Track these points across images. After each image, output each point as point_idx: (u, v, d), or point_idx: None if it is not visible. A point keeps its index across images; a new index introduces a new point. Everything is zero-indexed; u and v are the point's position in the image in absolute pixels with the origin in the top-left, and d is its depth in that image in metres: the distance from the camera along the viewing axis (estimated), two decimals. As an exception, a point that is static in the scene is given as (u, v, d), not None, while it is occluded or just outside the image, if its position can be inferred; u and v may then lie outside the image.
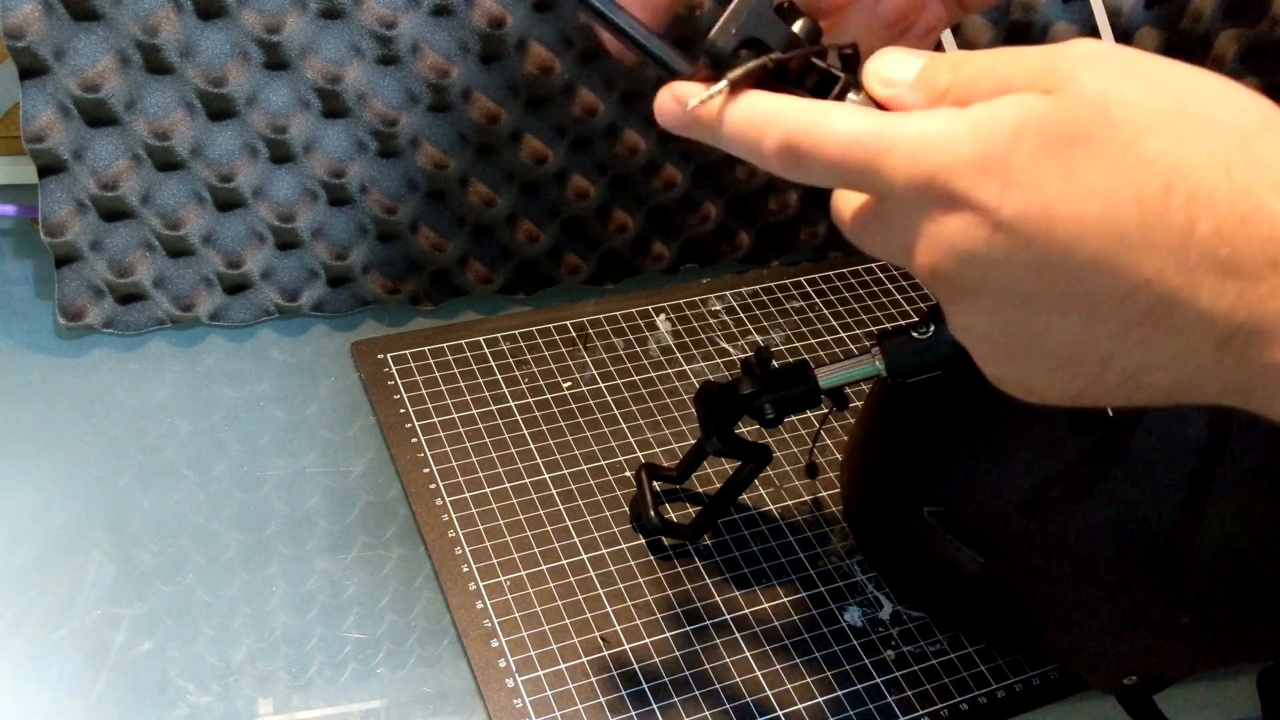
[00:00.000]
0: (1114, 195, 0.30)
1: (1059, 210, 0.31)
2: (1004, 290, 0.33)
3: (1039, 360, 0.34)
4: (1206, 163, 0.29)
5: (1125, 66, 0.31)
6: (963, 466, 0.56)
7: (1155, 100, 0.30)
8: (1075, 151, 0.30)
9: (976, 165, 0.32)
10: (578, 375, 0.70)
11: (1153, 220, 0.30)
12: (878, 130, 0.33)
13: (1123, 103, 0.30)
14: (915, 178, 0.33)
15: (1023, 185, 0.31)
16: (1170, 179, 0.30)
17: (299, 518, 0.60)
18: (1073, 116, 0.31)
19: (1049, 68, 0.32)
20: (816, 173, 0.35)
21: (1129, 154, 0.30)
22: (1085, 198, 0.30)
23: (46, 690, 0.51)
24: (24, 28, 0.57)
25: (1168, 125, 0.30)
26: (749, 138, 0.36)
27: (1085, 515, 0.51)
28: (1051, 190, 0.31)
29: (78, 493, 0.59)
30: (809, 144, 0.34)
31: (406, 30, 0.64)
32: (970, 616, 0.58)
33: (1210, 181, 0.29)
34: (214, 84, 0.62)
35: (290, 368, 0.68)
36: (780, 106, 0.35)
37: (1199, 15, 0.77)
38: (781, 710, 0.54)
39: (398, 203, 0.69)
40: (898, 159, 0.33)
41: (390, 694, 0.53)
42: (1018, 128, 0.31)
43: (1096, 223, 0.30)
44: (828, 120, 0.34)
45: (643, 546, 0.61)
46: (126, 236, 0.65)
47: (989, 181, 0.31)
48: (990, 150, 0.31)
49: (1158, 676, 0.55)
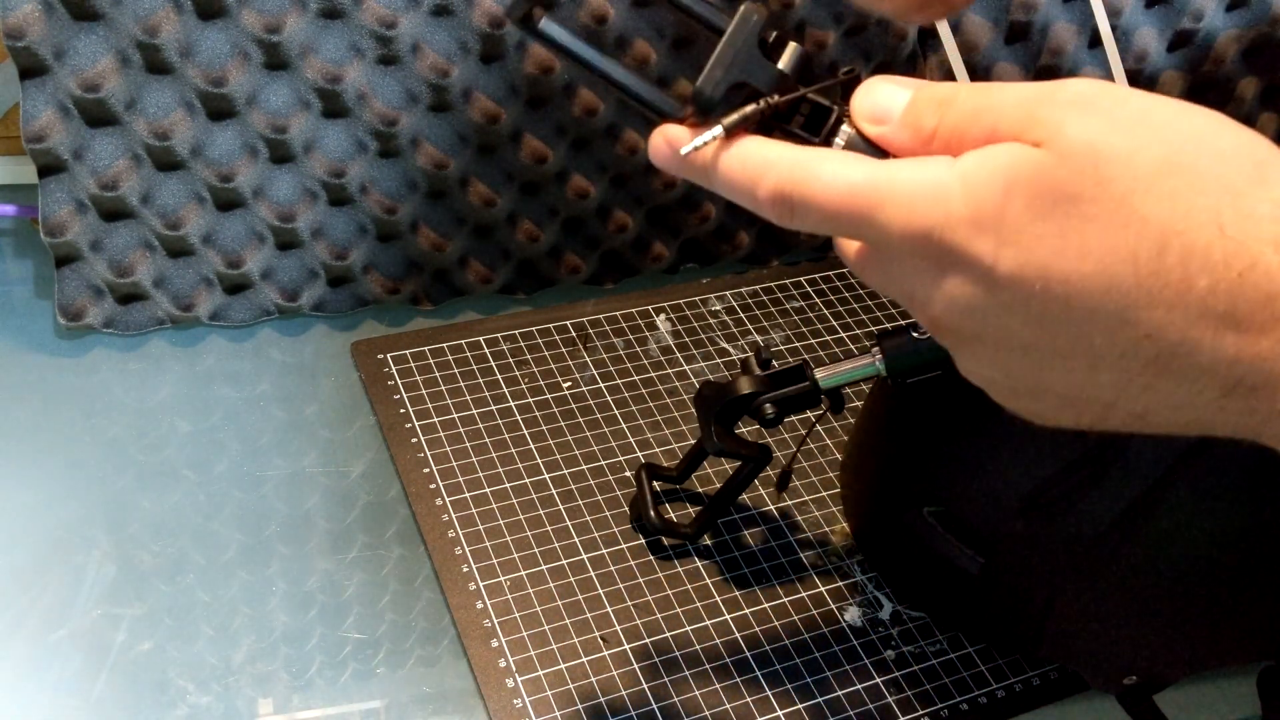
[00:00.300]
0: (1109, 255, 0.30)
1: (1055, 269, 0.31)
2: (1004, 340, 0.33)
3: (1045, 400, 0.35)
4: (1200, 220, 0.29)
5: (1112, 115, 0.31)
6: (963, 466, 0.56)
7: (1144, 154, 0.30)
8: (1068, 210, 0.30)
9: (970, 222, 0.32)
10: (578, 375, 0.70)
11: (1149, 278, 0.30)
12: (870, 183, 0.33)
13: (1111, 159, 0.30)
14: (911, 233, 0.33)
15: (1017, 243, 0.31)
16: (1164, 238, 0.30)
17: (299, 518, 0.60)
18: (1063, 174, 0.30)
19: (1036, 117, 0.31)
20: (812, 223, 0.35)
21: (1121, 213, 0.30)
22: (1081, 257, 0.30)
23: (46, 690, 0.51)
24: (24, 28, 0.57)
25: (1158, 182, 0.30)
26: (742, 186, 0.36)
27: (1085, 515, 0.51)
28: (1046, 249, 0.31)
29: (78, 493, 0.59)
30: (801, 196, 0.34)
31: (406, 30, 0.64)
32: (970, 616, 0.58)
33: (1205, 240, 0.29)
34: (214, 84, 0.62)
35: (290, 368, 0.68)
36: (771, 155, 0.35)
37: (1199, 16, 0.77)
38: (781, 710, 0.54)
39: (398, 203, 0.69)
40: (892, 213, 0.33)
41: (390, 694, 0.53)
42: (1009, 183, 0.31)
43: (1093, 281, 0.30)
44: (820, 173, 0.34)
45: (643, 546, 0.61)
46: (126, 236, 0.65)
47: (983, 238, 0.31)
48: (983, 206, 0.31)
49: (1158, 676, 0.55)
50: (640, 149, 0.72)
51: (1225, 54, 0.79)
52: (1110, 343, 0.31)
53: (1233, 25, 0.79)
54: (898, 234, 0.33)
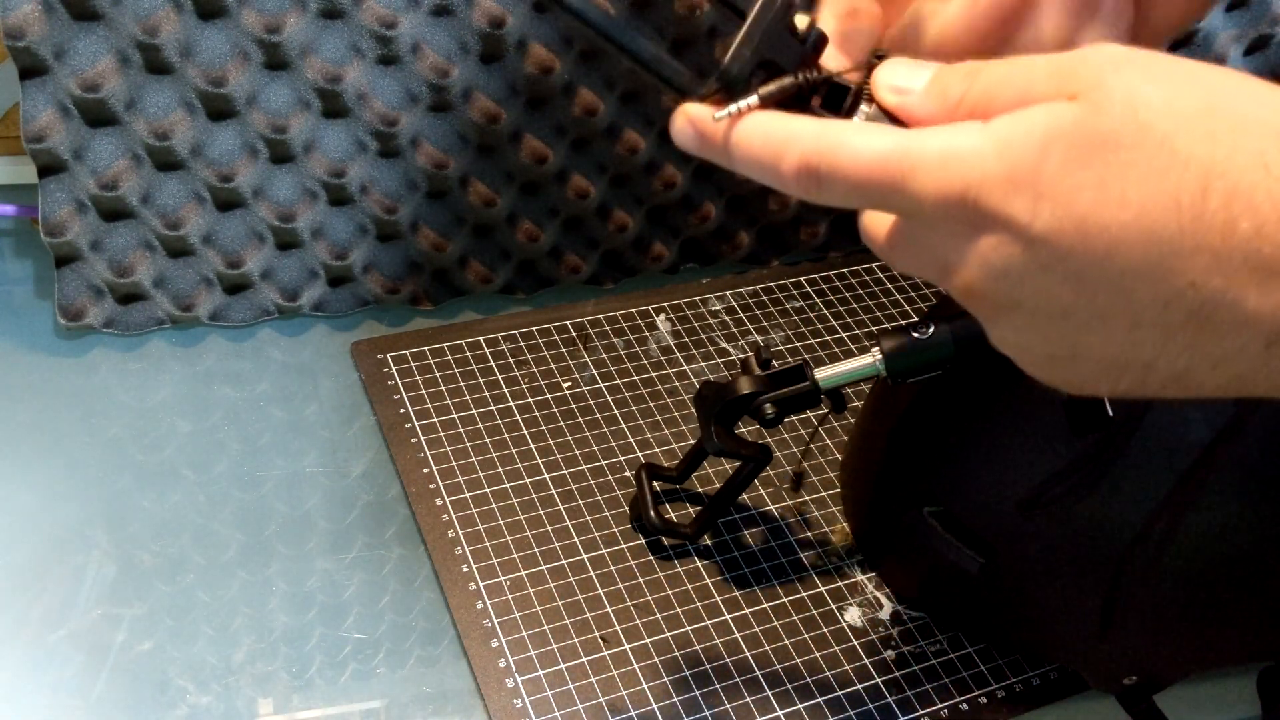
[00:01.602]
0: (1150, 201, 0.29)
1: (1094, 220, 0.30)
2: (1042, 304, 0.32)
3: (1082, 366, 0.34)
4: (1243, 160, 0.29)
5: (1148, 68, 0.30)
6: (962, 466, 0.56)
7: (1183, 100, 0.30)
8: (1107, 159, 0.30)
9: (1006, 180, 0.31)
10: (578, 375, 0.70)
11: (1192, 223, 0.29)
12: (901, 149, 0.32)
13: (1151, 105, 0.29)
14: (944, 197, 0.32)
15: (1054, 198, 0.30)
16: (1207, 179, 0.29)
17: (299, 518, 0.60)
18: (1101, 123, 0.30)
19: (1072, 73, 0.31)
20: (839, 195, 0.34)
21: (1162, 157, 0.29)
22: (1121, 206, 0.29)
23: (46, 690, 0.51)
24: (24, 28, 0.57)
25: (1199, 124, 0.29)
26: (765, 161, 0.35)
27: (1085, 515, 0.51)
28: (1085, 201, 0.30)
29: (78, 493, 0.59)
30: (829, 166, 0.33)
31: (406, 30, 0.64)
32: (970, 616, 0.58)
33: (1250, 180, 0.29)
34: (214, 84, 0.62)
35: (290, 368, 0.68)
36: (795, 128, 0.34)
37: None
38: (781, 710, 0.54)
39: (398, 203, 0.69)
40: (924, 178, 0.32)
41: (390, 694, 0.53)
42: (1046, 138, 0.30)
43: (1134, 230, 0.29)
44: (848, 141, 0.33)
45: (643, 546, 0.61)
46: (126, 236, 0.65)
47: (1020, 196, 0.31)
48: (1019, 164, 0.31)
49: (1158, 676, 0.55)
50: (640, 149, 0.72)
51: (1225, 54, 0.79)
52: (1153, 296, 0.30)
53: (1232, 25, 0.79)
54: (930, 199, 0.32)
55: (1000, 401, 0.55)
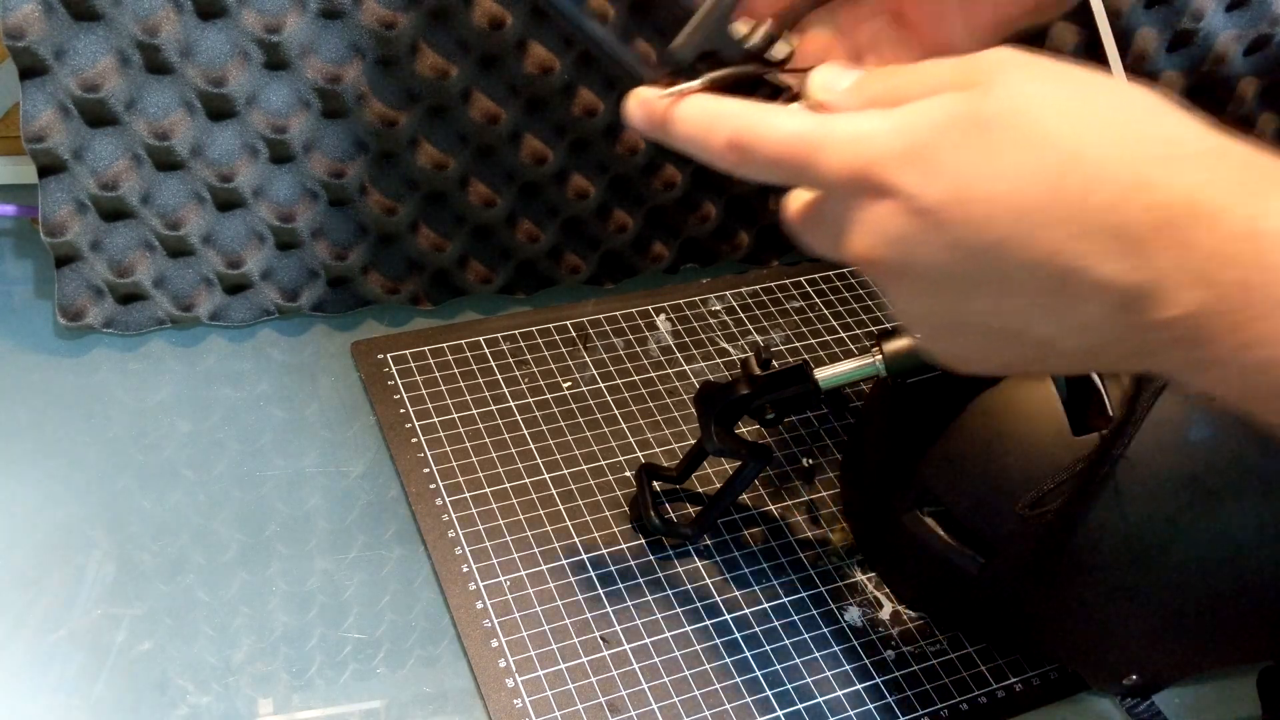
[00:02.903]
0: (1021, 174, 0.33)
1: (973, 191, 0.34)
2: (929, 271, 0.36)
3: (967, 335, 0.37)
4: (1100, 140, 0.33)
5: (1034, 66, 0.35)
6: (962, 467, 0.56)
7: (1059, 91, 0.34)
8: (988, 138, 0.34)
9: (902, 156, 0.35)
10: (578, 375, 0.70)
11: (1055, 194, 0.33)
12: (815, 128, 0.37)
13: (1030, 94, 0.34)
14: (849, 170, 0.36)
15: (942, 172, 0.34)
16: (1069, 158, 0.33)
17: (299, 518, 0.60)
18: (987, 107, 0.34)
19: (970, 70, 0.35)
20: (760, 167, 0.38)
21: (1035, 136, 0.33)
22: (996, 178, 0.33)
23: (46, 690, 0.51)
24: (24, 28, 0.57)
25: (1069, 109, 0.33)
26: (700, 135, 0.39)
27: (1085, 515, 0.51)
28: (967, 174, 0.34)
29: (78, 493, 0.59)
30: (753, 140, 0.38)
31: (406, 30, 0.64)
32: (970, 616, 0.58)
33: (1104, 157, 0.32)
34: (214, 84, 0.62)
35: (290, 368, 0.68)
36: (729, 107, 0.39)
37: (1199, 16, 0.77)
38: (781, 710, 0.54)
39: (397, 203, 0.69)
40: (833, 154, 0.36)
41: (390, 694, 0.53)
42: (939, 121, 0.34)
43: (1006, 200, 0.33)
44: (771, 119, 0.38)
45: (643, 546, 0.61)
46: (126, 236, 0.65)
47: (913, 170, 0.35)
48: (914, 142, 0.35)
49: (1158, 676, 0.56)
50: (640, 149, 0.72)
51: (1225, 54, 0.79)
52: (1020, 261, 0.34)
53: (1233, 25, 0.79)
54: (837, 172, 0.36)
55: (1000, 401, 0.55)
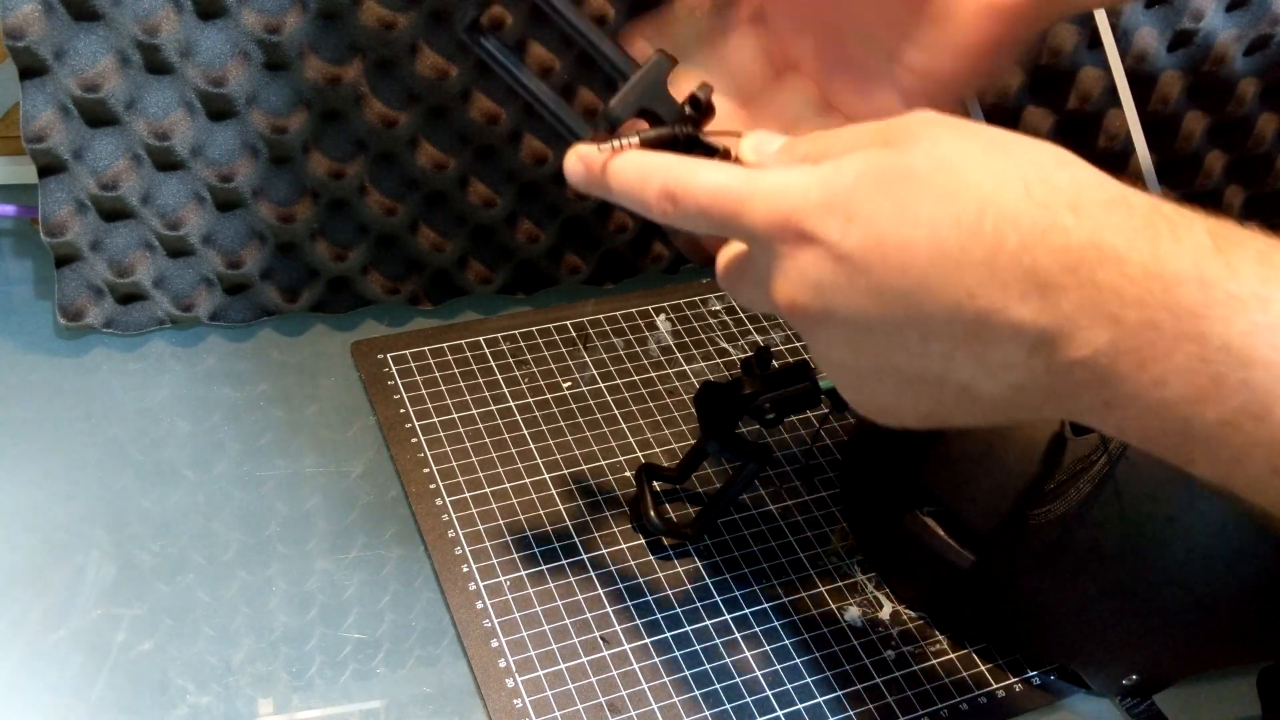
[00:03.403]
0: (937, 221, 0.34)
1: (891, 238, 0.35)
2: (850, 317, 0.37)
3: (887, 382, 0.38)
4: (1011, 188, 0.34)
5: (953, 125, 0.36)
6: (962, 466, 0.56)
7: (974, 145, 0.35)
8: (905, 187, 0.35)
9: (824, 205, 0.36)
10: (578, 375, 0.70)
11: (969, 239, 0.34)
12: (743, 181, 0.38)
13: (947, 147, 0.35)
14: (773, 219, 0.37)
15: (861, 219, 0.35)
16: (983, 203, 0.34)
17: (299, 518, 0.60)
18: (905, 159, 0.35)
19: (890, 128, 0.37)
20: (691, 217, 0.40)
21: (950, 185, 0.34)
22: (914, 225, 0.34)
23: (46, 690, 0.51)
24: (24, 28, 0.57)
25: (981, 160, 0.35)
26: (634, 187, 0.41)
27: (1084, 516, 0.51)
28: (886, 221, 0.35)
29: (78, 493, 0.59)
30: (683, 191, 0.39)
31: (406, 30, 0.64)
32: (970, 617, 0.58)
33: (1015, 204, 0.34)
34: (214, 84, 0.62)
35: (290, 368, 0.68)
36: (661, 160, 0.41)
37: (1199, 16, 0.77)
38: (781, 710, 0.54)
39: (398, 203, 0.69)
40: (758, 205, 0.38)
41: (390, 694, 0.53)
42: (859, 173, 0.36)
43: (923, 246, 0.34)
44: (701, 171, 0.40)
45: (643, 546, 0.61)
46: (126, 236, 0.65)
47: (833, 219, 0.36)
48: (834, 193, 0.36)
49: (1158, 676, 0.56)
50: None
51: (1225, 54, 0.79)
52: (938, 305, 0.35)
53: (1233, 25, 0.79)
54: (762, 222, 0.38)
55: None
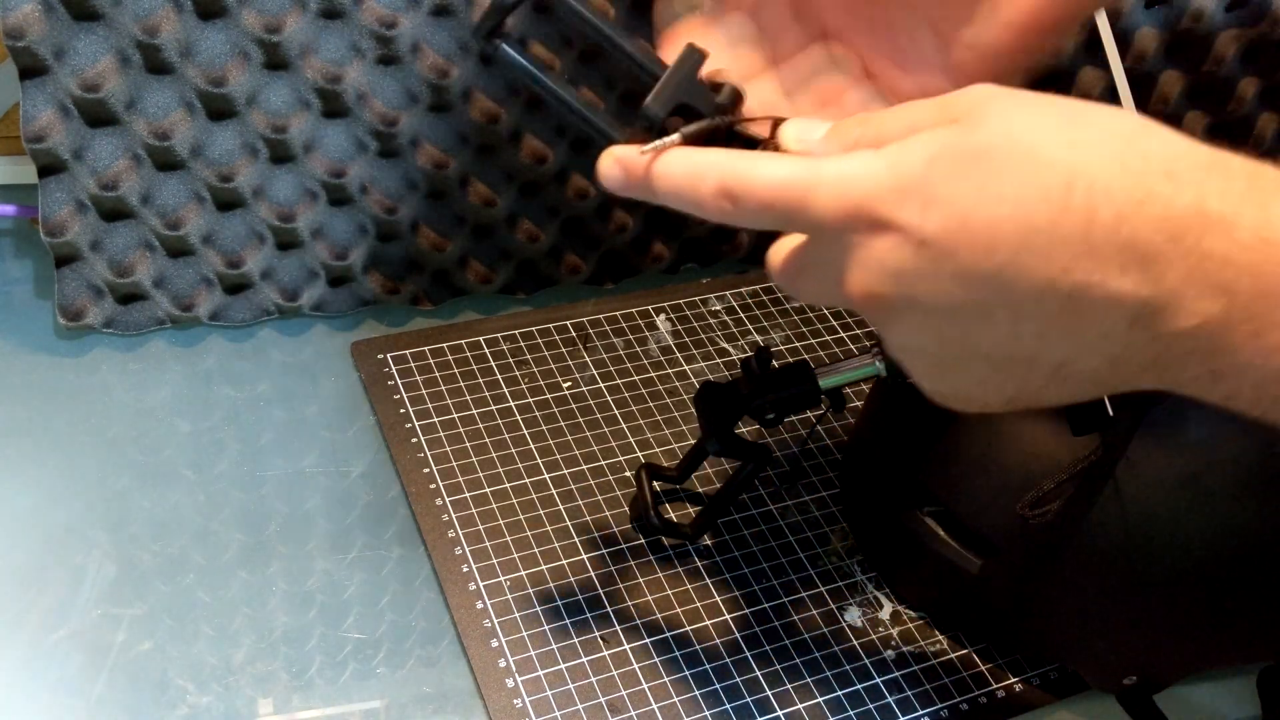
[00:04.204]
0: (1023, 197, 0.33)
1: (975, 218, 0.33)
2: (934, 304, 0.35)
3: (973, 368, 0.37)
4: (1100, 159, 0.33)
5: (1018, 97, 0.35)
6: (963, 466, 0.56)
7: (1046, 117, 0.34)
8: (984, 166, 0.34)
9: (897, 191, 0.35)
10: (578, 375, 0.70)
11: (1060, 214, 0.33)
12: (804, 171, 0.36)
13: (1019, 120, 0.34)
14: (843, 209, 0.36)
15: (940, 202, 0.34)
16: (1070, 177, 0.33)
17: (299, 518, 0.60)
18: (978, 137, 0.34)
19: (952, 104, 0.36)
20: (751, 214, 0.38)
21: (1031, 161, 0.33)
22: (998, 203, 0.33)
23: (46, 690, 0.51)
24: (24, 28, 0.57)
25: (1060, 134, 0.34)
26: (686, 187, 0.39)
27: (1085, 515, 0.51)
28: (967, 202, 0.34)
29: (78, 493, 0.59)
30: (743, 188, 0.37)
31: (406, 30, 0.64)
32: (970, 616, 0.58)
33: (1106, 175, 0.33)
34: (214, 84, 0.62)
35: (290, 368, 0.68)
36: (713, 157, 0.39)
37: (1199, 16, 0.77)
38: (781, 710, 0.54)
39: (398, 203, 0.69)
40: (824, 195, 0.36)
41: (390, 694, 0.53)
42: (931, 154, 0.34)
43: (1010, 224, 0.33)
44: (758, 165, 0.37)
45: (643, 546, 0.61)
46: (126, 236, 0.65)
47: (909, 203, 0.34)
48: (907, 176, 0.35)
49: (1158, 676, 0.56)
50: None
51: (1225, 54, 0.79)
52: (1030, 285, 0.33)
53: (1233, 25, 0.79)
54: (830, 213, 0.36)
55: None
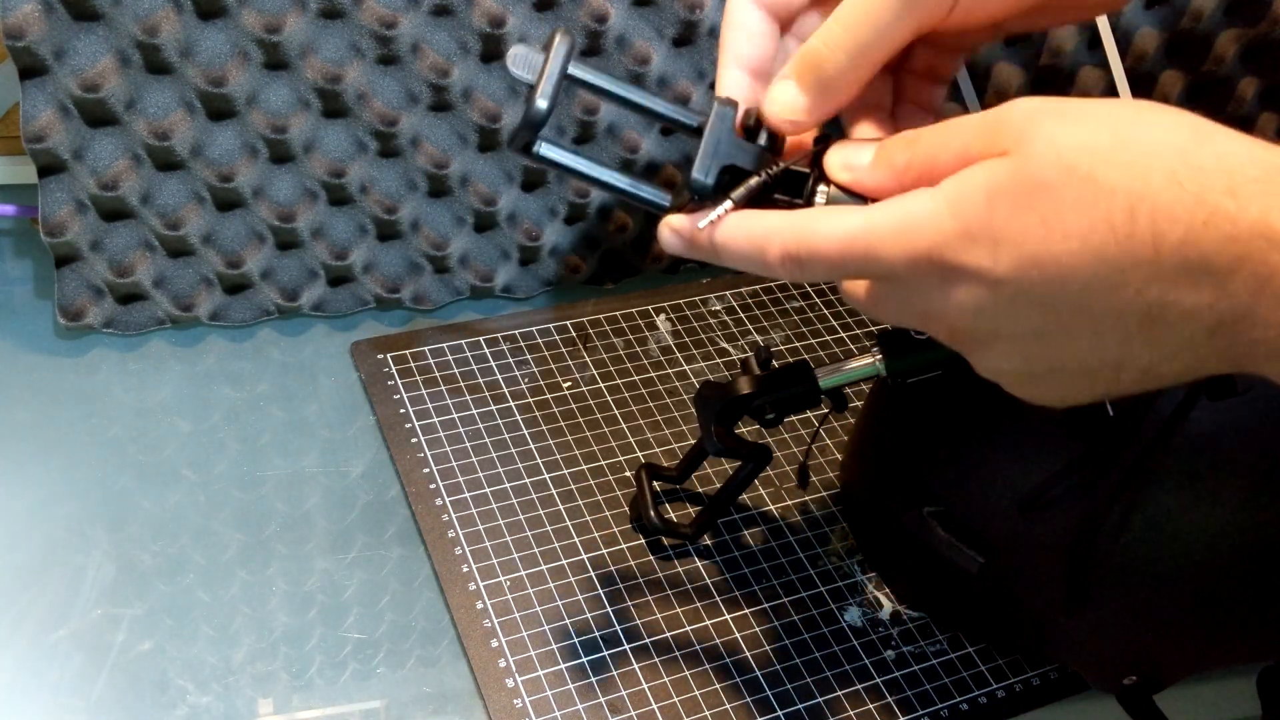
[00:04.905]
0: (1088, 229, 0.33)
1: (1045, 254, 0.34)
2: (1018, 331, 0.36)
3: (1062, 377, 0.38)
4: (1159, 181, 0.32)
5: (1062, 114, 0.35)
6: (963, 466, 0.56)
7: (1097, 137, 0.34)
8: (1044, 201, 0.34)
9: (963, 235, 0.35)
10: (578, 375, 0.70)
11: (1127, 240, 0.33)
12: (866, 225, 0.37)
13: (1071, 147, 0.34)
14: (912, 259, 0.36)
15: (1008, 243, 0.34)
16: (1131, 202, 0.33)
17: (299, 518, 0.60)
18: (1033, 171, 0.34)
19: (998, 130, 0.35)
20: (822, 274, 0.39)
21: (1090, 190, 0.33)
22: (1065, 237, 0.33)
23: (46, 690, 0.51)
24: (24, 28, 0.57)
25: (1114, 156, 0.33)
26: (751, 256, 0.39)
27: (1085, 515, 0.51)
28: (1034, 239, 0.34)
29: (78, 493, 0.59)
30: (808, 253, 0.38)
31: (406, 30, 0.64)
32: (970, 616, 0.58)
33: (1167, 197, 0.32)
34: (214, 84, 0.62)
35: (290, 368, 0.68)
36: (771, 223, 0.39)
37: (1199, 16, 0.77)
38: (782, 710, 0.54)
39: (398, 203, 0.69)
40: (890, 247, 0.36)
41: (390, 694, 0.53)
42: (989, 193, 0.34)
43: (1080, 256, 0.33)
44: (818, 227, 0.38)
45: (643, 546, 0.61)
46: (126, 236, 0.65)
47: (978, 248, 0.35)
48: (971, 219, 0.35)
49: (1158, 676, 0.55)
50: (640, 148, 0.72)
51: (1225, 54, 0.79)
52: (1107, 307, 0.34)
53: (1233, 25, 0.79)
54: (901, 263, 0.36)
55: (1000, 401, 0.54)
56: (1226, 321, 0.33)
